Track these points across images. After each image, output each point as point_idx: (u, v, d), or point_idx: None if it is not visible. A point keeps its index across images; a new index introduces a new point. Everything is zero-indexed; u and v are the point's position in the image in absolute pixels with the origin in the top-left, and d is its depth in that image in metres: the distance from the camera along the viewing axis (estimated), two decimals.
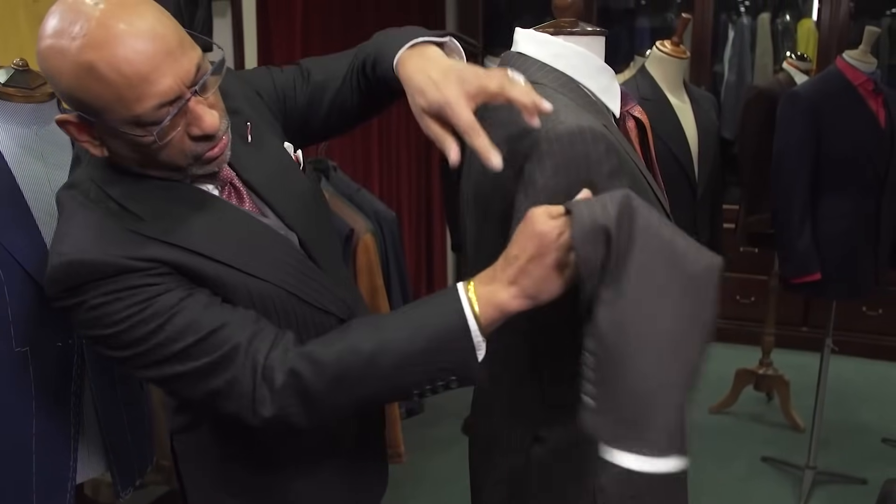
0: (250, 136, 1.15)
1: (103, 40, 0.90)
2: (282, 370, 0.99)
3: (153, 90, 0.92)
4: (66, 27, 0.91)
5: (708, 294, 0.88)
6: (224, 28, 2.83)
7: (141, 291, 0.98)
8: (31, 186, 1.44)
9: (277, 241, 1.11)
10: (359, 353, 0.98)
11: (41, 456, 1.48)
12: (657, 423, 0.89)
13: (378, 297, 2.40)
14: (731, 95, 4.54)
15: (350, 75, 1.22)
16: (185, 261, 1.01)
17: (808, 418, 3.18)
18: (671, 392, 0.89)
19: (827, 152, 2.65)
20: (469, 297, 0.97)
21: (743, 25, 4.56)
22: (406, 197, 4.16)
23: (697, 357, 0.89)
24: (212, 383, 1.01)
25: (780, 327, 3.69)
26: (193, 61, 0.96)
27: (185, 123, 0.98)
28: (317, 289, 1.14)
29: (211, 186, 1.10)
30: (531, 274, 0.94)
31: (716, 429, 3.49)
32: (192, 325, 0.99)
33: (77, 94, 0.94)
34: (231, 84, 1.17)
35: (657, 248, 0.87)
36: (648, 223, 0.88)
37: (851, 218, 2.68)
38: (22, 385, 1.45)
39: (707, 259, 0.88)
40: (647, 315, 0.87)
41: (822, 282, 2.72)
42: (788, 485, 3.06)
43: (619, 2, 4.91)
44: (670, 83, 2.57)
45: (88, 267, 0.97)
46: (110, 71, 0.90)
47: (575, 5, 1.16)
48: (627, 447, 0.90)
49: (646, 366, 0.87)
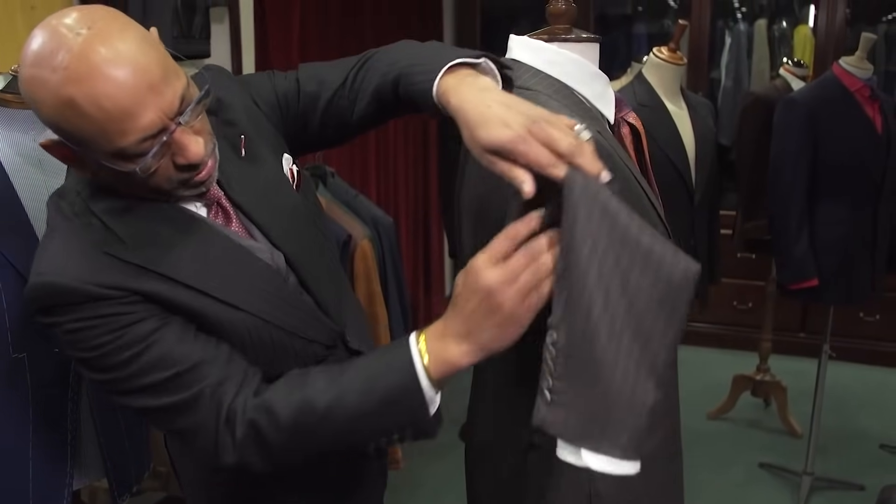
0: (244, 149, 1.14)
1: (84, 74, 0.87)
2: (242, 421, 1.00)
3: (136, 125, 0.90)
4: (46, 56, 0.88)
5: (679, 300, 0.87)
6: (222, 34, 2.84)
7: (112, 321, 0.98)
8: (28, 193, 1.44)
9: (259, 268, 1.09)
10: (314, 407, 0.98)
11: (38, 462, 1.48)
12: (628, 425, 0.87)
13: (375, 304, 2.40)
14: (728, 101, 4.55)
15: (349, 85, 1.17)
16: (159, 290, 1.00)
17: (805, 424, 3.18)
18: (643, 394, 0.87)
19: (824, 158, 2.66)
20: (420, 351, 0.94)
21: (740, 31, 4.57)
22: (403, 203, 4.16)
23: (667, 360, 0.88)
24: (178, 422, 1.02)
25: (777, 333, 3.70)
26: (177, 92, 0.93)
27: (171, 153, 0.96)
28: (299, 317, 1.13)
29: (198, 205, 1.08)
30: (482, 329, 0.91)
31: (713, 435, 3.49)
32: (163, 359, 1.00)
33: (60, 124, 0.92)
34: (230, 93, 1.16)
35: (633, 250, 0.85)
36: (625, 225, 0.86)
37: (848, 224, 2.69)
38: (19, 391, 1.45)
39: (684, 264, 0.86)
40: (617, 310, 0.85)
41: (820, 287, 2.72)
42: (786, 491, 3.06)
43: (616, 8, 4.93)
44: (667, 89, 2.57)
45: (61, 292, 0.97)
46: (91, 106, 0.88)
47: (569, 12, 1.17)
48: (595, 447, 0.88)
49: (619, 361, 0.86)
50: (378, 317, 2.42)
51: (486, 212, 1.10)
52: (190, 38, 2.57)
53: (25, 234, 1.41)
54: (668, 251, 0.86)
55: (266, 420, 0.99)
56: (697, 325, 4.29)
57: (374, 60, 1.16)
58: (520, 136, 0.85)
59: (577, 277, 0.85)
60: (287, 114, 1.21)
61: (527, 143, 0.84)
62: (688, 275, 0.86)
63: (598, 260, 0.85)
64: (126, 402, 1.04)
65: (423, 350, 0.94)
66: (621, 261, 0.85)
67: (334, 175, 2.57)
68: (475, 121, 0.89)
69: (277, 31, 3.03)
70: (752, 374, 3.62)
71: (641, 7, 4.97)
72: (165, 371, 1.00)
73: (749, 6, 4.70)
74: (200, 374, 1.01)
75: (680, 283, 0.86)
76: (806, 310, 4.20)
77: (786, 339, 4.13)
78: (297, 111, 1.21)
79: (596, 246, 0.84)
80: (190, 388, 1.00)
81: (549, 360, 0.88)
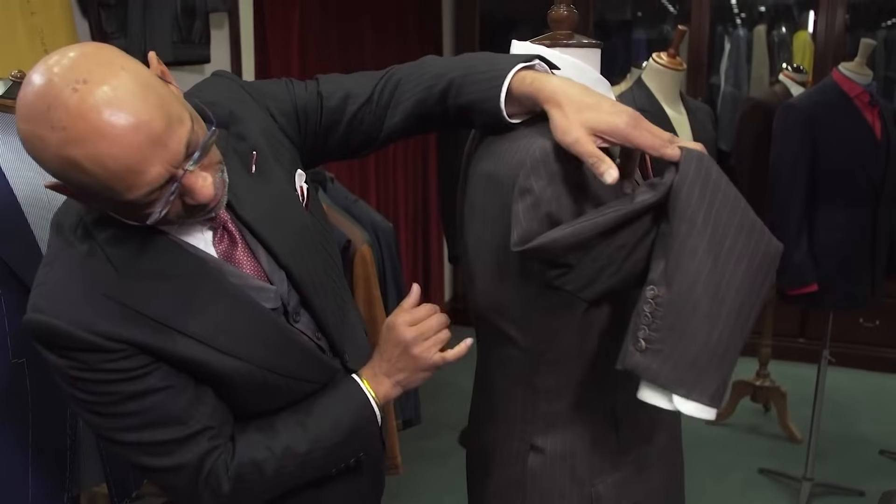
0: (254, 165, 1.12)
1: (84, 135, 0.84)
2: (227, 478, 1.07)
3: (142, 180, 0.88)
4: (43, 113, 0.84)
5: (770, 274, 0.98)
6: (222, 39, 2.84)
7: (108, 375, 0.98)
8: (29, 199, 1.44)
9: (257, 313, 1.08)
10: (296, 452, 1.12)
11: (37, 467, 1.48)
12: (718, 377, 0.97)
13: (375, 308, 2.40)
14: (728, 107, 4.56)
15: (375, 100, 1.17)
16: (151, 340, 0.99)
17: (805, 430, 3.18)
18: (734, 352, 0.98)
19: (823, 164, 2.67)
20: (367, 388, 1.18)
21: (739, 37, 4.58)
22: (403, 208, 4.17)
23: (750, 328, 0.99)
24: (158, 477, 1.07)
25: (776, 338, 3.70)
26: (182, 140, 0.90)
27: (179, 193, 0.94)
28: (296, 360, 1.13)
29: (205, 229, 1.07)
30: (402, 371, 1.19)
31: (713, 440, 3.49)
32: (156, 421, 1.02)
33: (64, 178, 0.90)
34: (242, 105, 1.14)
35: (741, 220, 0.96)
36: (734, 198, 0.96)
37: (847, 229, 2.69)
38: (19, 396, 1.45)
39: (776, 242, 0.98)
40: (723, 274, 0.95)
41: (819, 293, 2.72)
42: (786, 497, 3.06)
43: (616, 14, 4.94)
44: (667, 95, 2.58)
45: (57, 334, 0.96)
46: (95, 166, 0.86)
47: (570, 18, 1.17)
48: (686, 394, 0.96)
49: (720, 320, 0.95)
50: (377, 321, 2.42)
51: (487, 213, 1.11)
52: (190, 44, 2.58)
53: (26, 241, 1.41)
54: (764, 226, 0.98)
55: (254, 475, 1.09)
56: None
57: (406, 76, 1.17)
58: (633, 123, 0.95)
59: (691, 242, 0.95)
60: (305, 126, 1.19)
61: (639, 129, 0.95)
62: (779, 250, 0.99)
63: (711, 228, 0.95)
64: (108, 444, 1.06)
65: (367, 387, 1.18)
66: (731, 230, 0.95)
67: (334, 180, 2.58)
68: (585, 104, 0.97)
69: (277, 35, 3.03)
70: (752, 380, 3.62)
71: (641, 13, 4.98)
72: (157, 432, 1.03)
73: (748, 12, 4.71)
74: (190, 443, 1.04)
75: (774, 256, 0.98)
76: (805, 315, 4.21)
77: (785, 345, 4.13)
78: (317, 124, 1.19)
79: (709, 216, 0.95)
80: (180, 453, 1.04)
81: (647, 312, 0.97)
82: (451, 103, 1.11)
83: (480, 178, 1.12)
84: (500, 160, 1.06)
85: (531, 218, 0.98)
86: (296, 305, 1.15)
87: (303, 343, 1.14)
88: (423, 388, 1.54)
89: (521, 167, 1.00)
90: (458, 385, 3.73)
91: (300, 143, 1.20)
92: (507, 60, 1.06)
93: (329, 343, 1.20)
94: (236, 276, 1.08)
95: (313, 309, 1.16)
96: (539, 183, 0.98)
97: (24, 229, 1.42)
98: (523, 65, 1.05)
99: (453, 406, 3.50)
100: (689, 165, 0.95)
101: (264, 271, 1.11)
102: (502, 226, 1.05)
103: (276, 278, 1.12)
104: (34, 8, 1.94)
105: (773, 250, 0.98)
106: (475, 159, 1.15)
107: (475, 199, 1.14)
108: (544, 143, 0.99)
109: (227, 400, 1.10)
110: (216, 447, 1.06)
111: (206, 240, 1.07)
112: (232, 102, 1.13)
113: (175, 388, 1.03)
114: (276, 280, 1.12)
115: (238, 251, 1.09)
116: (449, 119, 1.15)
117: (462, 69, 1.11)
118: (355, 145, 1.22)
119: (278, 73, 3.00)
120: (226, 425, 1.09)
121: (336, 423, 1.15)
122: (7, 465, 1.44)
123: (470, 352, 1.19)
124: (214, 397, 1.08)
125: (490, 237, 1.11)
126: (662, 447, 1.21)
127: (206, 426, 1.05)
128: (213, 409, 1.07)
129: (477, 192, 1.13)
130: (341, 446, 1.16)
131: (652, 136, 0.95)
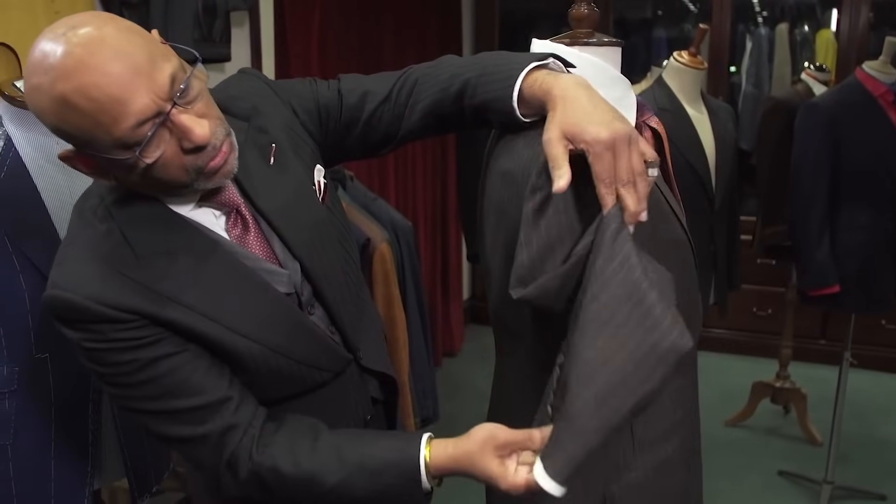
0: (273, 157, 1.14)
1: (71, 69, 0.89)
2: (245, 468, 1.06)
3: (128, 110, 0.91)
4: (40, 62, 0.90)
5: (660, 370, 0.90)
6: (242, 38, 2.85)
7: (125, 343, 1.00)
8: (52, 195, 1.45)
9: (270, 296, 1.10)
10: (322, 483, 1.06)
11: (59, 462, 1.49)
12: (568, 450, 0.92)
13: (394, 307, 2.41)
14: (749, 106, 4.53)
15: (393, 99, 1.19)
16: (167, 314, 1.01)
17: (825, 432, 3.15)
18: (591, 434, 0.92)
19: (845, 163, 2.64)
20: (425, 457, 1.06)
21: (761, 36, 4.55)
22: (422, 206, 4.17)
23: (626, 418, 0.92)
24: (182, 449, 1.08)
25: (797, 340, 3.67)
26: (166, 73, 0.93)
27: (176, 138, 0.96)
28: (308, 346, 1.14)
29: (217, 213, 1.09)
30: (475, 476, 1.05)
31: (731, 442, 3.47)
32: (177, 387, 1.03)
33: (62, 126, 0.93)
34: (265, 99, 1.16)
35: (636, 304, 0.89)
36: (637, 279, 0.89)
37: (870, 230, 2.67)
38: (41, 392, 1.46)
39: (676, 337, 0.89)
40: (603, 356, 0.90)
41: (841, 294, 2.70)
42: (805, 500, 3.03)
43: (636, 12, 4.91)
44: (687, 94, 2.56)
45: (73, 308, 0.99)
46: (82, 99, 0.89)
47: (591, 16, 1.16)
48: (546, 466, 0.94)
49: (585, 403, 0.90)
50: (396, 320, 2.43)
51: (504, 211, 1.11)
52: (210, 42, 2.59)
53: (48, 236, 1.43)
54: (668, 319, 0.89)
55: (271, 476, 1.06)
56: (716, 331, 4.26)
57: (423, 76, 1.18)
58: (610, 143, 0.91)
59: (584, 310, 0.90)
60: (327, 124, 1.21)
61: (609, 152, 0.91)
62: (675, 348, 0.89)
63: (604, 302, 0.89)
64: (133, 414, 1.08)
65: (427, 456, 1.06)
66: (621, 310, 0.89)
67: (353, 178, 2.58)
68: (580, 106, 0.95)
69: (297, 34, 3.04)
70: (772, 381, 3.59)
71: (661, 11, 4.95)
72: (178, 400, 1.04)
73: (770, 10, 4.67)
74: (212, 413, 1.05)
75: (664, 353, 0.89)
76: (826, 316, 4.17)
77: (806, 346, 4.10)
78: (337, 122, 1.21)
79: (605, 287, 0.89)
80: (202, 423, 1.05)
81: (553, 379, 0.96)
82: (467, 104, 1.12)
83: (497, 175, 1.12)
84: (515, 158, 1.06)
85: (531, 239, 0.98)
86: (309, 297, 1.16)
87: (314, 329, 1.15)
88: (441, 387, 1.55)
89: (534, 165, 1.00)
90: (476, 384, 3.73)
91: (321, 140, 1.22)
92: (521, 59, 1.06)
93: (343, 338, 1.20)
94: (249, 259, 1.09)
95: (327, 302, 1.17)
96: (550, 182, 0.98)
97: (47, 225, 1.43)
98: (536, 63, 1.05)
99: (471, 405, 3.50)
100: (606, 229, 0.91)
101: (278, 260, 1.12)
102: (517, 224, 1.05)
103: (290, 268, 1.13)
104: (58, 7, 1.96)
105: (667, 345, 0.89)
106: (493, 157, 1.15)
107: (492, 196, 1.14)
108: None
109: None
110: (237, 425, 1.06)
111: (219, 224, 1.09)
112: (255, 97, 1.16)
113: (191, 353, 1.04)
114: (290, 270, 1.13)
115: (251, 236, 1.11)
116: (466, 119, 1.15)
117: (477, 69, 1.11)
118: (374, 143, 1.23)
119: (298, 71, 3.01)
120: (246, 402, 1.08)
121: (374, 481, 1.06)
122: (30, 460, 1.46)
123: (488, 350, 1.19)
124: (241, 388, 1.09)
125: (505, 235, 1.11)
126: (679, 447, 1.20)
127: (226, 396, 1.06)
128: (230, 380, 1.07)
129: (493, 190, 1.13)
130: (367, 501, 1.08)
131: (610, 168, 0.91)
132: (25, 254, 1.39)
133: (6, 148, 1.42)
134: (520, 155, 1.05)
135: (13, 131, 1.44)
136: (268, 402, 1.13)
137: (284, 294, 1.12)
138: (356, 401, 1.25)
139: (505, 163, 1.09)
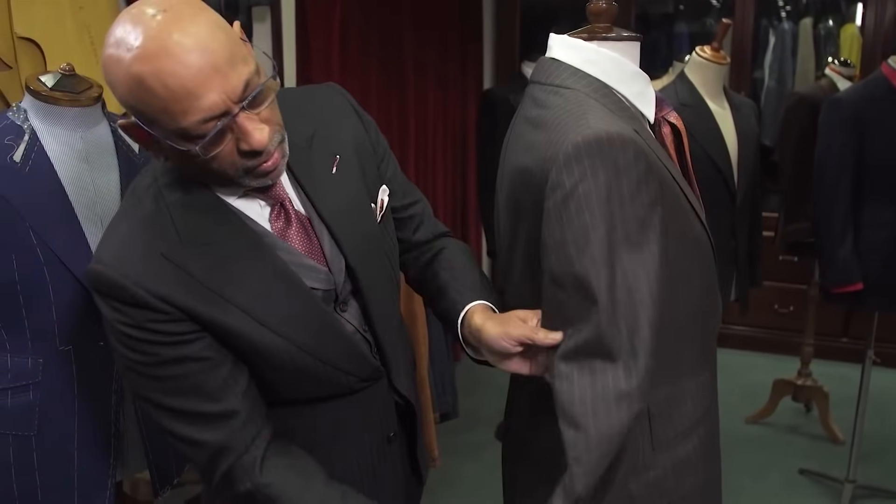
0: (335, 168, 1.17)
1: (153, 53, 0.90)
2: (244, 486, 1.08)
3: (199, 105, 0.92)
4: (124, 37, 0.92)
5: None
6: (263, 33, 2.87)
7: (148, 333, 1.02)
8: (76, 189, 1.47)
9: (304, 293, 1.11)
10: None
11: (83, 453, 1.51)
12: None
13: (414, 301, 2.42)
14: (772, 102, 4.48)
15: (418, 245, 1.39)
16: (201, 308, 1.02)
17: (847, 431, 3.12)
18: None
19: (870, 159, 2.61)
20: None
21: (784, 31, 4.50)
22: (442, 202, 4.17)
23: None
24: (182, 446, 1.10)
25: (819, 337, 3.63)
26: (242, 77, 0.95)
27: (235, 138, 0.98)
28: (337, 349, 1.14)
29: (263, 203, 1.11)
30: None
31: (752, 440, 3.45)
32: (192, 389, 1.05)
33: (131, 102, 0.95)
34: (341, 114, 1.22)
35: None
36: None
37: (894, 226, 2.63)
38: (65, 384, 1.48)
39: None
40: None
41: (864, 292, 2.66)
42: (827, 499, 3.01)
43: (658, 7, 4.88)
44: (710, 89, 2.55)
45: (111, 285, 1.01)
46: (157, 84, 0.91)
47: (609, 11, 1.16)
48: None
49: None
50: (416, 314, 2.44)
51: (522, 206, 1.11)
52: None
53: (73, 230, 1.44)
54: None
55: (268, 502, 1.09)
56: (738, 328, 4.23)
57: (441, 258, 1.36)
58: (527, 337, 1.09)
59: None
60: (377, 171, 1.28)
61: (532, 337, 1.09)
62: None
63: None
64: (140, 398, 1.10)
65: None
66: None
67: None
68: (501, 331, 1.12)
69: (318, 29, 3.05)
70: (794, 379, 3.56)
71: (683, 6, 4.92)
72: (188, 402, 1.06)
73: (794, 5, 4.62)
74: (217, 423, 1.07)
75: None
76: (849, 314, 4.12)
77: (828, 344, 4.06)
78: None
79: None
80: (204, 430, 1.07)
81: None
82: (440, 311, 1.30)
83: (514, 171, 1.12)
84: (534, 154, 1.06)
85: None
86: (346, 295, 1.17)
87: (344, 330, 1.16)
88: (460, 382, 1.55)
89: (554, 162, 1.00)
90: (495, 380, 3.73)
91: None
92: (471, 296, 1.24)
93: (377, 345, 1.21)
94: (286, 252, 1.11)
95: (365, 302, 1.18)
96: (570, 179, 0.98)
97: (72, 219, 1.45)
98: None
99: (490, 400, 3.50)
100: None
101: (325, 257, 1.14)
102: (535, 220, 1.05)
103: (335, 266, 1.15)
104: (82, 3, 1.97)
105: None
106: (509, 152, 1.15)
107: (510, 192, 1.14)
108: (576, 138, 0.99)
109: (264, 380, 1.12)
110: (238, 443, 1.08)
111: (263, 215, 1.11)
112: (333, 110, 1.20)
113: (213, 361, 1.06)
114: (335, 268, 1.15)
115: (292, 230, 1.12)
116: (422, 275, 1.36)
117: (442, 280, 1.30)
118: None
119: (320, 66, 3.02)
120: (253, 419, 1.09)
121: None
122: (53, 451, 1.48)
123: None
124: (249, 382, 1.10)
125: (523, 231, 1.11)
126: (699, 446, 1.20)
127: (235, 409, 1.07)
128: (243, 393, 1.08)
129: (511, 186, 1.13)
130: None
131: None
132: (49, 246, 1.40)
133: (31, 142, 1.44)
134: (538, 150, 1.05)
135: (38, 125, 1.46)
136: (294, 403, 1.15)
137: (323, 291, 1.13)
138: (382, 415, 1.26)
139: (523, 158, 1.09)
